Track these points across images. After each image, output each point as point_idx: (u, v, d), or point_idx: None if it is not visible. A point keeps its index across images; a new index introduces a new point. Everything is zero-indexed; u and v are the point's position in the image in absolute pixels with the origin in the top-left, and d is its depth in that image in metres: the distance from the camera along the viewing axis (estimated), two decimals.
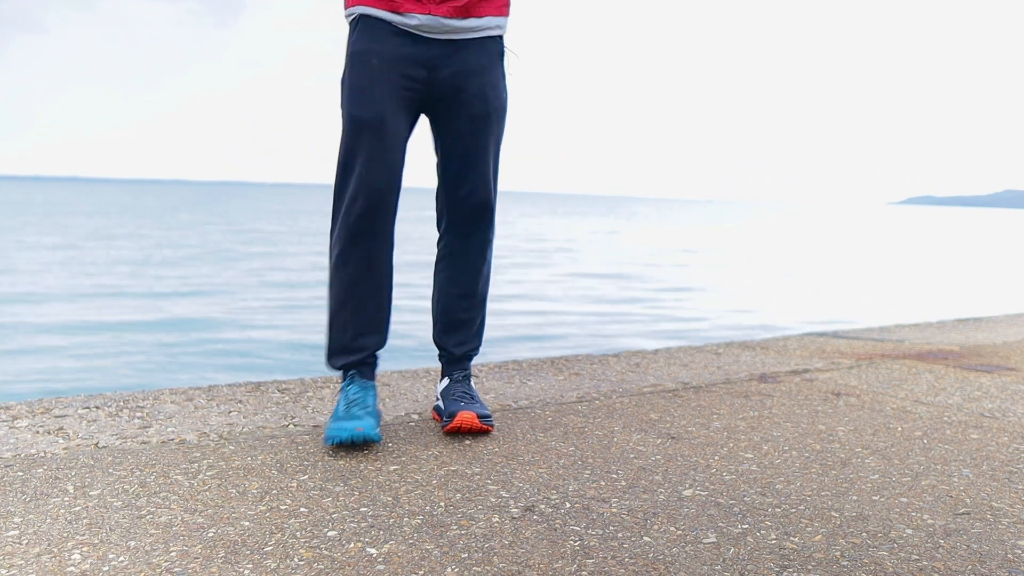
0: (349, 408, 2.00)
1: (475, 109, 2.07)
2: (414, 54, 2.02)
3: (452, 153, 2.11)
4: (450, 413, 2.09)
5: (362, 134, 1.99)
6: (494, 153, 2.14)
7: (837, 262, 21.22)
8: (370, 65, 2.00)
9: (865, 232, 44.94)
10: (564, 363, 3.10)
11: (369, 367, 2.11)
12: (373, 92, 2.00)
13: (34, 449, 1.92)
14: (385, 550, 1.42)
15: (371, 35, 2.02)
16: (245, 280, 13.03)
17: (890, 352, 3.59)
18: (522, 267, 16.53)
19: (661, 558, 1.42)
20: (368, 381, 2.10)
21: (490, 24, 2.08)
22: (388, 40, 2.01)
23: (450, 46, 2.04)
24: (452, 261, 2.19)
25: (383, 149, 2.00)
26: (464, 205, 2.13)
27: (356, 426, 1.91)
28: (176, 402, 2.38)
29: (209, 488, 1.69)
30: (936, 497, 1.75)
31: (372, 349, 2.10)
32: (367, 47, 2.01)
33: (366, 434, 1.91)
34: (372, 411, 2.01)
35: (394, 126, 2.01)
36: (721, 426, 2.26)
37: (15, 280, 12.22)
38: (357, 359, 2.09)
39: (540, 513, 1.60)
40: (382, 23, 2.01)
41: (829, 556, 1.44)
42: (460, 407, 2.09)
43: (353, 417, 1.95)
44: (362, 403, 2.01)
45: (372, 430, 1.93)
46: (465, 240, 2.16)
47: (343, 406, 2.02)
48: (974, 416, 2.45)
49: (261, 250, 19.40)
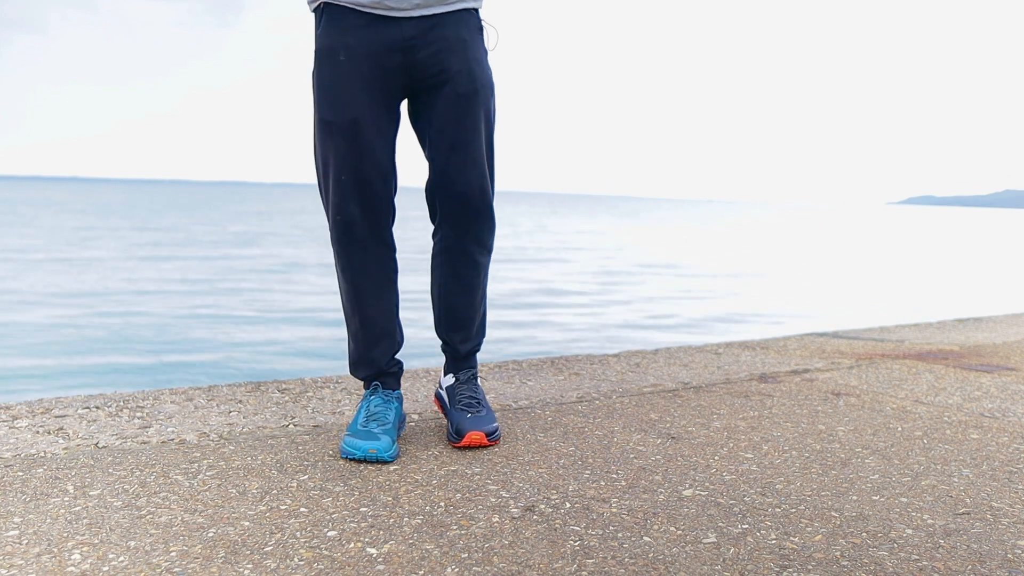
0: (368, 422, 1.93)
1: (461, 87, 1.90)
2: (386, 40, 1.86)
3: (440, 139, 1.94)
4: (457, 430, 2.01)
5: (334, 138, 1.87)
6: (486, 136, 1.98)
7: (837, 262, 21.22)
8: (338, 62, 1.86)
9: (865, 232, 44.95)
10: (564, 363, 3.10)
11: (393, 376, 2.05)
12: (343, 92, 1.86)
13: (34, 449, 1.92)
14: (385, 550, 1.42)
15: (337, 27, 1.87)
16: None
17: (890, 352, 3.59)
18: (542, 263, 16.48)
19: (661, 558, 1.42)
20: (391, 392, 2.03)
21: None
22: (356, 31, 1.86)
23: (425, 23, 1.87)
24: (450, 256, 2.03)
25: (359, 152, 1.87)
26: (458, 195, 1.95)
27: (370, 448, 1.86)
28: (176, 402, 2.38)
29: (209, 488, 1.69)
30: (936, 497, 1.75)
31: (388, 357, 2.03)
32: (333, 41, 1.87)
33: (379, 456, 1.86)
34: (390, 427, 1.94)
35: (370, 126, 1.87)
36: (721, 426, 2.26)
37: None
38: (377, 371, 2.02)
39: (540, 513, 1.60)
40: (347, 11, 1.86)
41: (829, 556, 1.44)
42: (467, 425, 2.00)
43: (370, 436, 1.88)
44: (382, 418, 1.95)
45: (385, 452, 1.86)
46: (462, 233, 2.00)
47: (362, 418, 1.95)
48: (974, 416, 2.45)
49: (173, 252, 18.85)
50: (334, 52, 1.87)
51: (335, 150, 1.87)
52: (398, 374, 2.06)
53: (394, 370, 2.05)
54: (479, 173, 1.96)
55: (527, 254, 20.22)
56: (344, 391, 2.56)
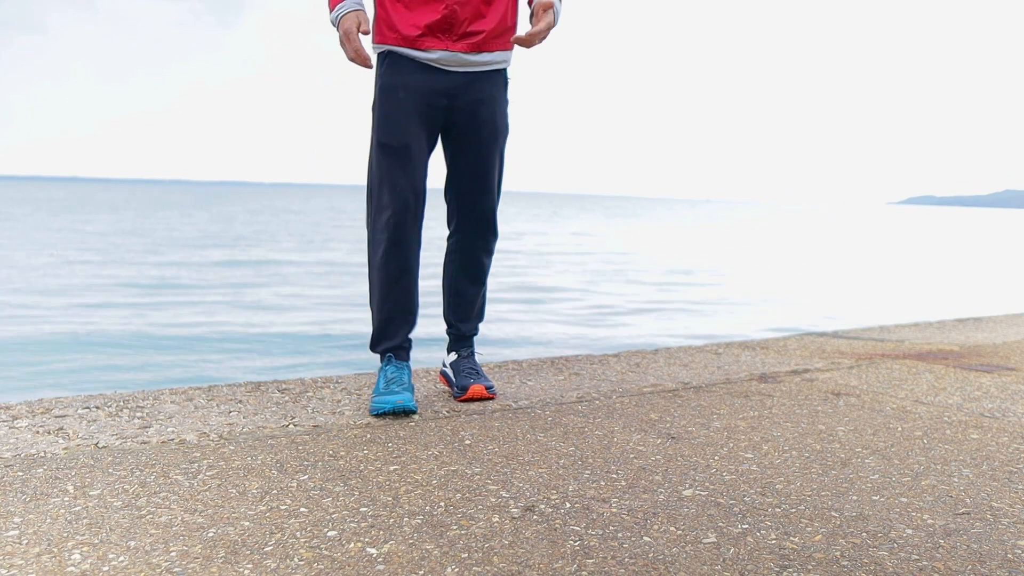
0: (389, 385, 2.33)
1: (486, 133, 2.42)
2: (435, 86, 2.33)
3: (465, 171, 2.45)
4: (462, 386, 2.47)
5: (389, 158, 2.33)
6: (499, 169, 2.50)
7: (837, 262, 21.22)
8: (397, 98, 2.33)
9: (865, 232, 44.95)
10: (564, 363, 3.10)
11: (404, 350, 2.46)
12: (399, 122, 2.33)
13: (34, 449, 1.92)
14: (385, 550, 1.42)
15: (397, 70, 2.33)
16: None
17: (890, 352, 3.59)
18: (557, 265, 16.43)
19: (661, 558, 1.42)
20: (403, 362, 2.44)
21: (499, 59, 2.40)
22: (412, 75, 2.32)
23: (466, 77, 2.36)
24: (462, 256, 2.53)
25: (408, 171, 2.34)
26: (474, 213, 2.48)
27: (397, 400, 2.25)
28: (176, 402, 2.38)
29: (209, 488, 1.69)
30: (936, 497, 1.75)
31: (406, 335, 2.46)
32: (394, 81, 2.33)
33: (405, 406, 2.25)
34: (408, 387, 2.34)
35: (416, 150, 2.35)
36: (721, 426, 2.26)
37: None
38: (394, 344, 2.44)
39: (540, 513, 1.60)
40: (406, 59, 2.33)
41: (829, 556, 1.44)
42: (471, 381, 2.47)
43: (393, 392, 2.28)
44: (399, 380, 2.35)
45: (410, 402, 2.27)
46: (473, 240, 2.51)
47: (383, 383, 2.34)
48: (974, 416, 2.45)
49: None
50: (395, 90, 2.33)
51: (390, 167, 2.33)
52: (409, 348, 2.49)
53: (407, 345, 2.48)
54: (491, 199, 2.49)
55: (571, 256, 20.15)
56: (344, 391, 2.56)
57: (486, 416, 2.31)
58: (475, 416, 2.30)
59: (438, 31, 2.30)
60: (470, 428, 2.18)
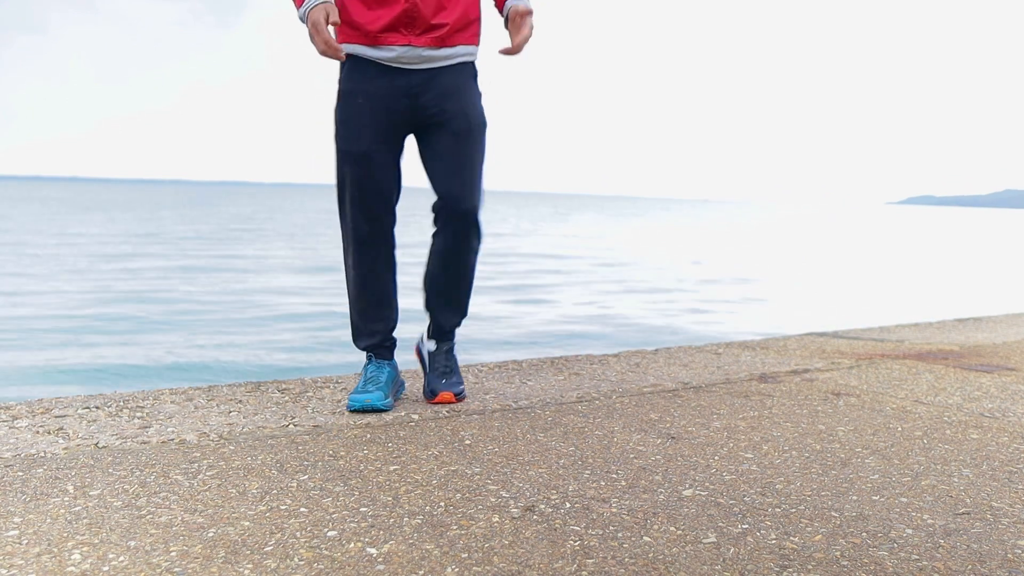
0: (366, 384, 2.37)
1: (458, 126, 2.34)
2: (396, 87, 2.29)
3: (440, 168, 2.36)
4: (432, 391, 2.44)
5: (350, 164, 2.31)
6: (479, 164, 2.39)
7: (837, 262, 21.22)
8: (356, 104, 2.30)
9: (864, 232, 44.95)
10: (564, 363, 3.10)
11: (387, 349, 2.46)
12: (359, 128, 2.30)
13: (34, 449, 1.92)
14: (385, 550, 1.42)
15: (357, 74, 2.29)
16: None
17: (890, 352, 3.59)
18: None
19: (661, 558, 1.42)
20: (384, 361, 2.44)
21: (462, 52, 2.34)
22: (373, 80, 2.28)
23: (428, 73, 2.31)
24: (445, 255, 2.43)
25: (371, 176, 2.31)
26: (455, 212, 2.37)
27: (366, 399, 2.30)
28: (176, 402, 2.38)
29: (209, 488, 1.69)
30: (936, 497, 1.75)
31: (383, 333, 2.45)
32: (354, 87, 2.30)
33: (373, 404, 2.30)
34: (383, 385, 2.36)
35: (380, 155, 2.31)
36: (721, 426, 2.26)
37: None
38: (374, 342, 2.45)
39: (540, 513, 1.60)
40: (367, 63, 2.28)
41: (829, 556, 1.44)
42: (440, 387, 2.44)
43: (367, 391, 2.33)
44: (375, 380, 2.38)
45: (378, 401, 2.31)
46: (456, 239, 2.40)
47: (361, 382, 2.39)
48: (974, 416, 2.45)
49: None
50: (354, 95, 2.30)
51: (352, 173, 2.31)
52: (391, 348, 2.48)
53: (388, 344, 2.47)
54: (471, 196, 2.37)
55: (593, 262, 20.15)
56: (344, 391, 2.56)
57: (486, 416, 2.31)
58: (475, 416, 2.30)
59: (400, 26, 2.24)
60: (470, 428, 2.18)
